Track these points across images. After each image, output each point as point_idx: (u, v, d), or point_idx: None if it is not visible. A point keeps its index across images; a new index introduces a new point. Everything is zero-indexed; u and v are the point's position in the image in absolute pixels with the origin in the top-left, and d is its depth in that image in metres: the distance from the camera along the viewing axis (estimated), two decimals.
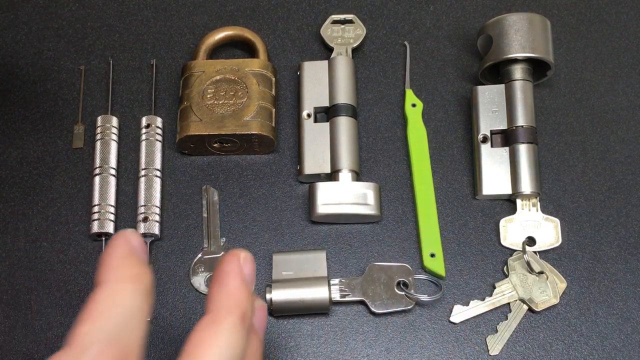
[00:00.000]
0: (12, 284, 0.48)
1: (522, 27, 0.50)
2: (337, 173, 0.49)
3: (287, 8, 0.57)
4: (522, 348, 0.47)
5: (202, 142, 0.50)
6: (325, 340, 0.47)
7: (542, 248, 0.49)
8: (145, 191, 0.49)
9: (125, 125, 0.53)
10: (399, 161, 0.52)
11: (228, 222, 0.50)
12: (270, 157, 0.52)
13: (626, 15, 0.56)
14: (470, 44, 0.55)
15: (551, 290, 0.47)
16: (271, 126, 0.50)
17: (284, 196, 0.51)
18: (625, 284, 0.48)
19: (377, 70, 0.55)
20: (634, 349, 0.47)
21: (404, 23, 0.56)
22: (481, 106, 0.51)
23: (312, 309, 0.47)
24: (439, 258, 0.48)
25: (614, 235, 0.50)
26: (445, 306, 0.48)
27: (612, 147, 0.52)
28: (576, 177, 0.51)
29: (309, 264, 0.47)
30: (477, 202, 0.51)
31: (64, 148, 0.52)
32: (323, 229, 0.50)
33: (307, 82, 0.52)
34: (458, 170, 0.52)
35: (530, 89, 0.51)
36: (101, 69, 0.55)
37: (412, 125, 0.52)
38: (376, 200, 0.49)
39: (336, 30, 0.55)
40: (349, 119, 0.51)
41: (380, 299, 0.47)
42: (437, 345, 0.47)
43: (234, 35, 0.54)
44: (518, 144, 0.50)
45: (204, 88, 0.51)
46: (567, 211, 0.50)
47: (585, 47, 0.55)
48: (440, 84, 0.54)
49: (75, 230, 0.50)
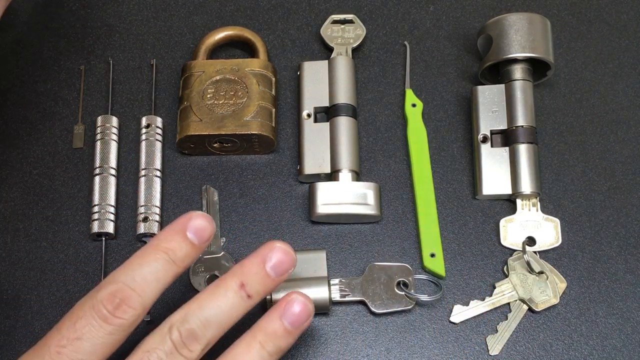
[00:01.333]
0: (12, 284, 0.48)
1: (522, 27, 0.50)
2: (337, 173, 0.49)
3: (287, 8, 0.57)
4: (522, 348, 0.47)
5: (202, 142, 0.50)
6: (325, 340, 0.47)
7: (542, 248, 0.49)
8: (145, 191, 0.49)
9: (125, 125, 0.53)
10: (399, 161, 0.52)
11: (228, 222, 0.50)
12: (270, 157, 0.52)
13: (626, 15, 0.56)
14: (470, 44, 0.55)
15: (551, 290, 0.47)
16: (271, 126, 0.50)
17: (284, 196, 0.51)
18: (625, 284, 0.48)
19: (377, 70, 0.55)
20: (634, 349, 0.47)
21: (404, 23, 0.56)
22: (481, 106, 0.51)
23: None
24: (439, 258, 0.48)
25: (614, 235, 0.50)
26: (445, 306, 0.48)
27: (612, 147, 0.52)
28: (576, 177, 0.51)
29: (309, 264, 0.47)
30: (477, 202, 0.51)
31: (64, 148, 0.52)
32: (323, 229, 0.50)
33: (307, 82, 0.52)
34: (458, 170, 0.52)
35: (530, 89, 0.51)
36: (101, 69, 0.55)
37: (412, 125, 0.52)
38: (376, 200, 0.49)
39: (336, 30, 0.55)
40: (349, 119, 0.51)
41: (380, 299, 0.47)
42: (437, 345, 0.47)
43: (234, 35, 0.54)
44: (518, 144, 0.50)
45: (204, 88, 0.51)
46: (567, 211, 0.50)
47: (585, 47, 0.55)
48: (440, 84, 0.54)
49: (75, 230, 0.50)
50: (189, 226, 0.38)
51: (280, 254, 0.39)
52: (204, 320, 0.37)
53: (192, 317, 0.36)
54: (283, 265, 0.39)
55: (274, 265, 0.38)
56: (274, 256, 0.39)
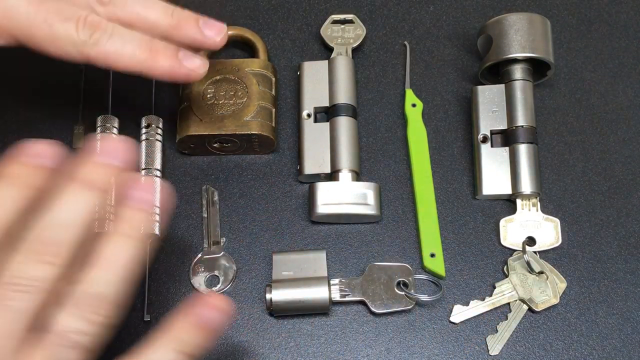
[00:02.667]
0: None
1: (522, 27, 0.50)
2: (337, 173, 0.49)
3: (287, 8, 0.57)
4: (522, 348, 0.47)
5: (202, 142, 0.50)
6: (325, 340, 0.47)
7: (542, 248, 0.49)
8: None
9: (125, 125, 0.53)
10: (399, 161, 0.52)
11: (228, 222, 0.50)
12: (270, 157, 0.52)
13: (626, 15, 0.56)
14: (470, 44, 0.55)
15: (551, 290, 0.47)
16: (271, 126, 0.50)
17: (284, 196, 0.51)
18: (625, 284, 0.48)
19: (377, 70, 0.55)
20: (634, 349, 0.47)
21: (404, 23, 0.56)
22: (481, 106, 0.51)
23: (312, 309, 0.47)
24: (439, 258, 0.48)
25: (614, 235, 0.50)
26: (445, 306, 0.48)
27: (612, 147, 0.52)
28: (576, 177, 0.51)
29: (309, 264, 0.47)
30: (477, 202, 0.51)
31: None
32: (323, 229, 0.50)
33: (307, 82, 0.52)
34: (458, 170, 0.52)
35: (530, 89, 0.51)
36: (101, 69, 0.54)
37: (412, 125, 0.52)
38: (376, 200, 0.49)
39: (336, 30, 0.55)
40: (349, 119, 0.51)
41: (380, 299, 0.47)
42: (437, 345, 0.47)
43: (234, 35, 0.54)
44: (518, 144, 0.50)
45: (204, 88, 0.51)
46: (567, 211, 0.50)
47: (585, 47, 0.55)
48: (440, 84, 0.54)
49: None
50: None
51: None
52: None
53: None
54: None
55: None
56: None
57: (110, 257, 0.35)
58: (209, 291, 0.36)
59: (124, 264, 0.35)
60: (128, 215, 0.37)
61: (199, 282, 0.48)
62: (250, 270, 0.49)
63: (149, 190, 0.38)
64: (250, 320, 0.47)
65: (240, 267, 0.49)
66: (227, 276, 0.48)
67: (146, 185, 0.38)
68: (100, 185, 0.36)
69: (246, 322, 0.47)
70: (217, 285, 0.48)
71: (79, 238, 0.35)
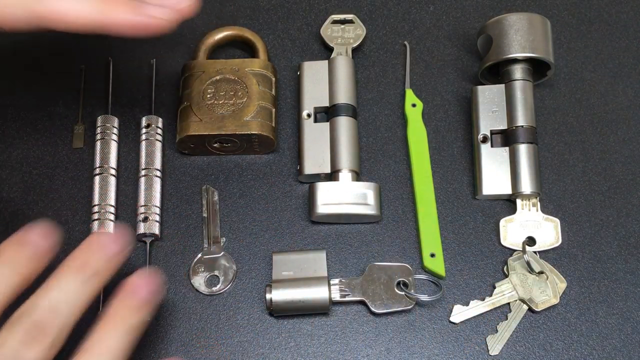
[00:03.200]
0: None
1: (522, 27, 0.50)
2: (337, 173, 0.49)
3: (287, 8, 0.57)
4: (522, 348, 0.47)
5: (202, 142, 0.50)
6: (325, 340, 0.47)
7: (542, 248, 0.49)
8: (145, 191, 0.49)
9: (125, 125, 0.53)
10: (399, 161, 0.52)
11: (228, 222, 0.50)
12: (270, 157, 0.52)
13: (626, 15, 0.56)
14: (470, 44, 0.55)
15: (551, 290, 0.47)
16: (271, 126, 0.50)
17: (284, 196, 0.51)
18: (625, 284, 0.48)
19: (377, 70, 0.55)
20: (634, 349, 0.47)
21: (404, 23, 0.56)
22: (481, 106, 0.51)
23: (312, 309, 0.47)
24: (439, 258, 0.48)
25: (614, 235, 0.50)
26: (445, 306, 0.48)
27: (612, 147, 0.52)
28: (576, 177, 0.51)
29: (309, 264, 0.47)
30: (477, 202, 0.51)
31: (64, 148, 0.52)
32: (323, 229, 0.50)
33: (307, 82, 0.52)
34: (458, 170, 0.52)
35: (530, 89, 0.51)
36: (101, 69, 0.55)
37: (412, 125, 0.52)
38: (376, 200, 0.49)
39: (336, 30, 0.55)
40: (349, 119, 0.51)
41: (380, 299, 0.47)
42: (437, 345, 0.47)
43: (234, 35, 0.54)
44: (518, 144, 0.50)
45: (204, 88, 0.51)
46: (567, 211, 0.50)
47: (585, 47, 0.55)
48: (440, 84, 0.54)
49: (75, 230, 0.50)
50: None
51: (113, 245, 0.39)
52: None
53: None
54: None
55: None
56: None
57: (102, 347, 0.36)
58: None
59: (115, 355, 0.36)
60: (122, 308, 0.38)
61: (199, 282, 0.48)
62: (250, 270, 0.49)
63: (147, 288, 0.39)
64: (250, 320, 0.47)
65: (240, 267, 0.49)
66: (227, 276, 0.48)
67: (144, 283, 0.39)
68: (98, 272, 0.38)
69: (246, 322, 0.47)
70: (217, 285, 0.48)
71: (73, 322, 0.36)
